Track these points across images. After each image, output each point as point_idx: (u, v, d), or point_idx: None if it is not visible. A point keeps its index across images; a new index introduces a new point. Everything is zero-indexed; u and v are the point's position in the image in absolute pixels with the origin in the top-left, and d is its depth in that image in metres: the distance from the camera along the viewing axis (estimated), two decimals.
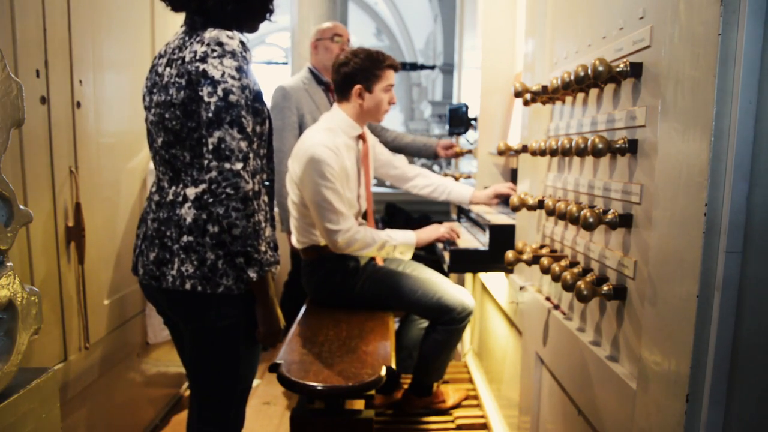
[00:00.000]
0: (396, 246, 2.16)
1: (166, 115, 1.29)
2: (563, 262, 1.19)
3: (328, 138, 2.09)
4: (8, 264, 0.90)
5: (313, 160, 2.03)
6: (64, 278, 1.65)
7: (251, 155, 1.27)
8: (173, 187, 1.34)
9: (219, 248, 1.30)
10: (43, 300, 0.99)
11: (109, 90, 1.89)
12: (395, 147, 3.08)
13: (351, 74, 2.15)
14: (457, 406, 2.44)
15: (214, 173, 1.22)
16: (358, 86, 2.15)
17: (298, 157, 2.12)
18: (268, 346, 1.43)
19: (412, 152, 3.09)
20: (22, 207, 0.93)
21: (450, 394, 2.46)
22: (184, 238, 1.30)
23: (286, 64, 6.26)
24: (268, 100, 1.36)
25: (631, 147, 0.98)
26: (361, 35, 11.81)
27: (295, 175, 2.14)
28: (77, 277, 1.72)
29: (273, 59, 11.04)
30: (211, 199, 1.23)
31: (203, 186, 1.29)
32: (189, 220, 1.30)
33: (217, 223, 1.28)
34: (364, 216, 2.35)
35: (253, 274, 1.29)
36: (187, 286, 1.30)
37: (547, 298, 1.44)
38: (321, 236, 2.13)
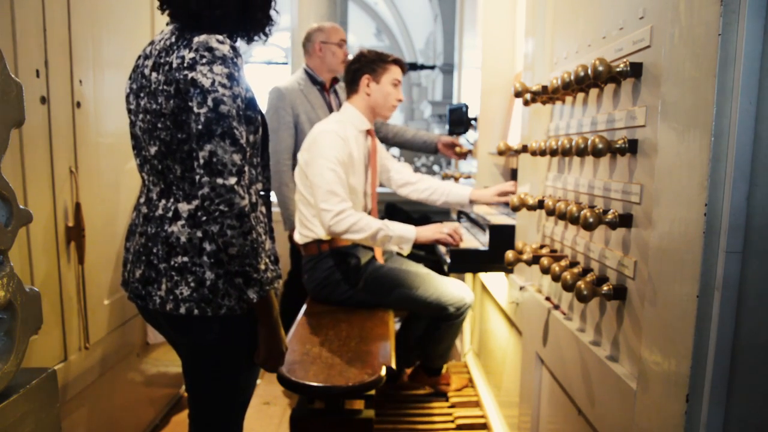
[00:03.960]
0: (392, 237, 2.11)
1: (159, 125, 1.21)
2: (563, 262, 1.19)
3: (338, 127, 2.19)
4: (8, 264, 0.90)
5: (321, 142, 2.13)
6: (64, 278, 1.65)
7: (246, 167, 1.19)
8: (163, 201, 1.26)
9: (218, 267, 1.22)
10: (43, 300, 0.99)
11: (109, 90, 1.89)
12: (397, 143, 3.09)
13: (359, 68, 2.28)
14: (459, 389, 2.59)
15: (206, 189, 1.14)
16: (366, 76, 2.27)
17: (307, 144, 2.21)
18: (269, 370, 1.35)
19: (413, 148, 3.11)
20: (22, 207, 0.93)
21: (454, 378, 2.61)
22: (179, 259, 1.22)
23: (286, 64, 6.26)
24: (262, 104, 1.30)
25: (631, 147, 0.98)
26: (361, 35, 11.81)
27: (303, 162, 2.21)
28: (77, 277, 1.72)
29: (273, 59, 11.04)
30: (204, 217, 1.16)
31: (196, 202, 1.22)
32: (183, 239, 1.22)
33: (213, 241, 1.21)
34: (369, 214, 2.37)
35: (253, 295, 1.21)
36: (182, 310, 1.22)
37: (547, 298, 1.44)
38: (318, 220, 2.15)
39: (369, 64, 2.27)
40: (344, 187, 2.10)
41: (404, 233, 2.14)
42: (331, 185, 2.06)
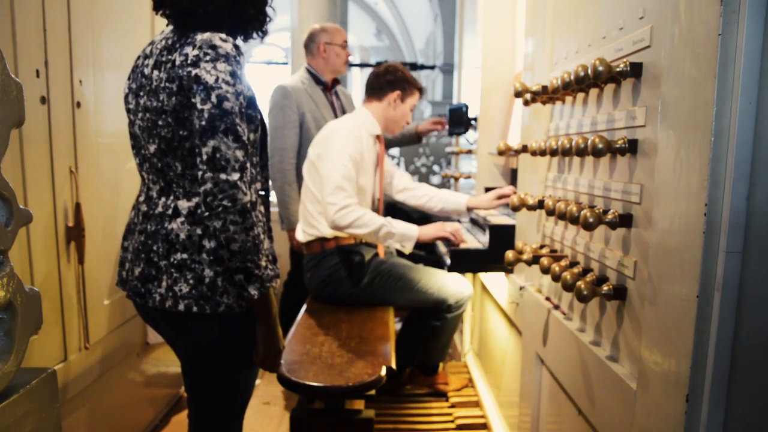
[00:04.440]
0: (395, 234, 2.14)
1: (159, 122, 1.21)
2: (563, 262, 1.19)
3: (353, 126, 2.24)
4: (8, 264, 0.90)
5: (336, 138, 2.17)
6: (64, 278, 1.65)
7: (248, 164, 1.19)
8: (163, 199, 1.26)
9: (217, 264, 1.22)
10: (43, 300, 0.99)
11: (109, 90, 1.89)
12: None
13: (394, 81, 2.35)
14: (459, 389, 2.59)
15: (209, 185, 1.14)
16: (398, 92, 2.34)
17: (320, 139, 2.26)
18: (267, 368, 1.35)
19: (397, 144, 3.18)
20: (22, 207, 0.92)
21: (452, 379, 2.62)
22: (178, 256, 1.22)
23: (286, 64, 6.26)
24: (261, 104, 1.31)
25: (631, 147, 0.98)
26: (361, 35, 11.80)
27: (314, 155, 2.23)
28: (77, 277, 1.72)
29: (273, 59, 11.04)
30: (206, 213, 1.15)
31: (196, 199, 1.22)
32: (183, 236, 1.22)
33: (213, 237, 1.21)
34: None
35: (254, 292, 1.21)
36: (181, 306, 1.22)
37: (547, 298, 1.44)
38: (323, 217, 2.17)
39: (404, 82, 2.34)
40: (353, 184, 2.13)
41: (407, 231, 2.15)
42: (340, 181, 2.09)
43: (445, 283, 2.26)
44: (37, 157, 1.51)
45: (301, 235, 2.32)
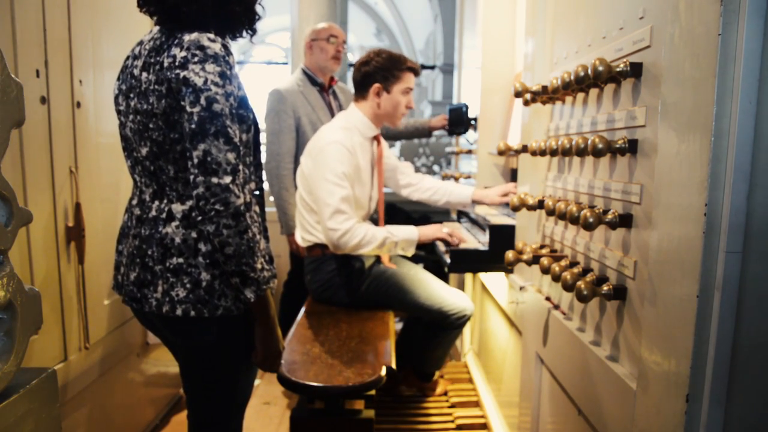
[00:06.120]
0: (398, 242, 2.11)
1: (150, 125, 1.20)
2: (563, 262, 1.19)
3: (345, 137, 2.10)
4: (8, 264, 0.90)
5: (327, 156, 2.05)
6: (64, 278, 1.65)
7: (240, 166, 1.18)
8: (156, 202, 1.25)
9: (214, 267, 1.22)
10: (43, 300, 0.99)
11: (109, 90, 1.89)
12: (390, 137, 3.10)
13: (371, 73, 2.16)
14: (444, 394, 2.59)
15: (201, 189, 1.13)
16: (376, 85, 2.16)
17: (312, 153, 2.14)
18: (267, 370, 1.34)
19: (407, 137, 3.14)
20: (22, 207, 0.92)
21: (441, 384, 2.61)
22: (174, 260, 1.21)
23: (286, 64, 6.27)
24: (253, 104, 1.29)
25: (631, 147, 0.98)
26: (361, 35, 11.81)
27: (307, 169, 2.16)
28: (77, 277, 1.72)
29: (273, 59, 11.05)
30: (200, 217, 1.15)
31: (190, 202, 1.21)
32: (178, 240, 1.21)
33: (209, 241, 1.20)
34: (375, 217, 2.36)
35: (250, 295, 1.21)
36: (178, 311, 1.21)
37: (547, 298, 1.44)
38: (323, 233, 2.13)
39: (381, 71, 2.14)
40: (351, 202, 2.06)
41: (408, 236, 2.14)
42: (338, 204, 2.01)
43: (446, 300, 2.20)
44: (37, 157, 1.51)
45: (301, 240, 2.30)
